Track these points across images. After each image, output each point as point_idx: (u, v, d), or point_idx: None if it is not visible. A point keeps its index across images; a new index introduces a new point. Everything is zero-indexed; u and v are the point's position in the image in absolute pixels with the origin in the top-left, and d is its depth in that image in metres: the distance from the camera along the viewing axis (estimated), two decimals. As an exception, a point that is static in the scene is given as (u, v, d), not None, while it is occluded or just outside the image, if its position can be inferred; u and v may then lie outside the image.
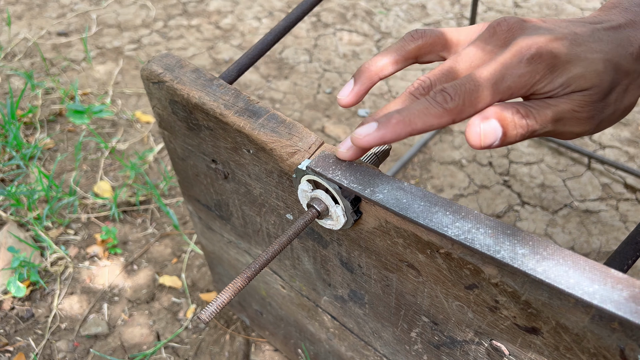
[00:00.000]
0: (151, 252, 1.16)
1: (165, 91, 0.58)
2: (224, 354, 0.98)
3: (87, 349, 0.99)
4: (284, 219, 0.58)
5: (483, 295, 0.41)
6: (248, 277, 0.41)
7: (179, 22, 1.96)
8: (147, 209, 1.25)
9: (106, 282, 1.10)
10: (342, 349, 0.72)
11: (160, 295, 1.07)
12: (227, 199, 0.66)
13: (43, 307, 1.05)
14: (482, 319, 0.43)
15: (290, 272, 0.67)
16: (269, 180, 0.54)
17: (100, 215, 1.22)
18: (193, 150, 0.63)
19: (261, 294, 0.82)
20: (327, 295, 0.63)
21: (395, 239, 0.44)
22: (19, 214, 1.21)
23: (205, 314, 0.39)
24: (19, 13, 2.05)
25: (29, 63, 1.78)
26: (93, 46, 1.86)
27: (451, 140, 1.46)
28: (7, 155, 1.37)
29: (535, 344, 0.40)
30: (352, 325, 0.64)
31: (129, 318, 1.04)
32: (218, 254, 0.85)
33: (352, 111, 1.59)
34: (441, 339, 0.50)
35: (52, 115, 1.53)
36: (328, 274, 0.59)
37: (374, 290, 0.54)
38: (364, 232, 0.47)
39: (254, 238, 0.68)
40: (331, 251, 0.55)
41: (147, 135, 1.47)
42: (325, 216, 0.46)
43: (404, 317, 0.53)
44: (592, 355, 0.37)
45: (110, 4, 2.11)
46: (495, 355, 0.45)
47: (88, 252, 1.15)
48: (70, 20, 2.01)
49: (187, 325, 1.02)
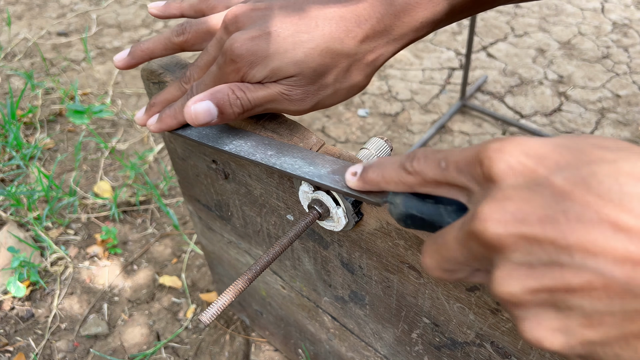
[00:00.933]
0: (151, 252, 1.16)
1: (166, 92, 0.58)
2: (224, 354, 0.98)
3: (87, 349, 0.99)
4: (284, 220, 0.58)
5: (484, 297, 0.41)
6: (249, 278, 0.41)
7: (179, 22, 1.96)
8: (147, 209, 1.25)
9: (106, 282, 1.10)
10: (342, 350, 0.72)
11: (160, 295, 1.07)
12: (227, 200, 0.66)
13: (43, 307, 1.05)
14: (483, 321, 0.43)
15: (291, 273, 0.67)
16: (270, 180, 0.54)
17: (100, 215, 1.22)
18: (193, 150, 0.63)
19: (261, 294, 0.82)
20: (328, 296, 0.63)
21: (397, 241, 0.44)
22: (19, 214, 1.21)
23: (206, 316, 0.39)
24: (19, 13, 2.05)
25: (29, 63, 1.77)
26: (93, 46, 1.86)
27: (451, 140, 1.46)
28: (7, 155, 1.37)
29: (536, 345, 0.40)
30: (353, 326, 0.64)
31: (129, 318, 1.04)
32: (218, 254, 0.85)
33: (352, 111, 1.59)
34: (442, 341, 0.50)
35: (52, 115, 1.53)
36: (329, 274, 0.59)
37: (375, 292, 0.54)
38: (365, 233, 0.47)
39: (254, 238, 0.68)
40: (332, 252, 0.55)
41: (147, 135, 1.47)
42: (326, 217, 0.46)
43: (405, 319, 0.53)
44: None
45: (110, 4, 2.10)
46: (496, 357, 0.45)
47: (88, 252, 1.15)
48: (70, 20, 2.01)
49: (187, 325, 1.02)
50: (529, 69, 1.73)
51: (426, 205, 0.33)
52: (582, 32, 1.89)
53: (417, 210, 0.33)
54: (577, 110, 1.55)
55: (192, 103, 0.45)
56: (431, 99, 1.63)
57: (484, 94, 1.65)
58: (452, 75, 1.73)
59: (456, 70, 1.75)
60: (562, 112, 1.56)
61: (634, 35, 1.86)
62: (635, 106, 1.55)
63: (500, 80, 1.70)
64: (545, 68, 1.73)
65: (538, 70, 1.73)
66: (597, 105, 1.57)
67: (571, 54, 1.79)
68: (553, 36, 1.88)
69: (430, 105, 1.61)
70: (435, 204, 0.33)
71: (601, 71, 1.70)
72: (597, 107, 1.56)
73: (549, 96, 1.62)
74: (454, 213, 0.32)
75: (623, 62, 1.74)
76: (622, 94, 1.60)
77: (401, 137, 1.49)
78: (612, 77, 1.68)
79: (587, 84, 1.66)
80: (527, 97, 1.63)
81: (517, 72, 1.72)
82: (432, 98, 1.64)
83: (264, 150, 0.47)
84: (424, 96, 1.64)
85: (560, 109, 1.57)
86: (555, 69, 1.73)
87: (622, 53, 1.78)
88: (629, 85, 1.64)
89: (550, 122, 1.52)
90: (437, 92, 1.66)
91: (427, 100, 1.63)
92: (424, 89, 1.67)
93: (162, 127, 0.51)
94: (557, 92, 1.64)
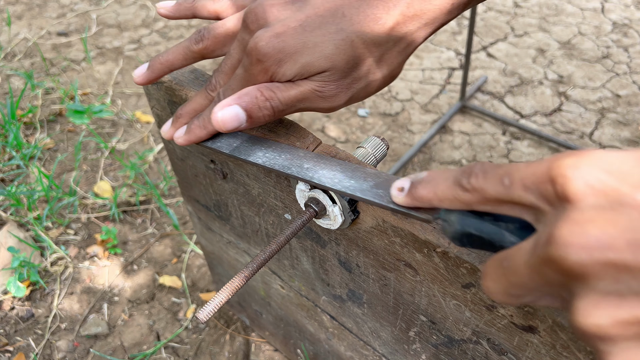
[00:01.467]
0: (151, 252, 1.16)
1: (164, 92, 0.58)
2: (224, 354, 0.98)
3: (87, 349, 0.99)
4: (282, 219, 0.58)
5: (480, 294, 0.41)
6: (246, 276, 0.41)
7: (179, 22, 1.96)
8: (147, 209, 1.25)
9: (106, 282, 1.10)
10: (341, 349, 0.72)
11: (160, 295, 1.08)
12: (226, 199, 0.66)
13: (43, 307, 1.06)
14: (479, 317, 0.43)
15: (289, 272, 0.67)
16: (267, 180, 0.54)
17: (100, 215, 1.23)
18: (192, 150, 0.63)
19: (260, 294, 0.82)
20: (326, 295, 0.63)
21: (393, 238, 0.44)
22: (19, 214, 1.21)
23: (203, 314, 0.39)
24: (19, 13, 2.05)
25: (29, 63, 1.78)
26: (93, 46, 1.86)
27: (451, 140, 1.46)
28: (7, 155, 1.37)
29: (532, 342, 0.41)
30: (351, 325, 0.64)
31: (129, 318, 1.04)
32: (218, 254, 0.85)
33: (352, 111, 1.59)
34: (439, 338, 0.50)
35: (52, 115, 1.53)
36: (327, 273, 0.59)
37: (372, 290, 0.54)
38: (362, 231, 0.47)
39: (253, 238, 0.68)
40: (329, 251, 0.55)
41: (147, 135, 1.47)
42: (323, 216, 0.46)
43: (402, 317, 0.53)
44: (589, 353, 0.37)
45: (110, 4, 2.11)
46: (492, 354, 0.45)
47: (88, 252, 1.15)
48: (70, 20, 2.01)
49: (187, 325, 1.02)
50: (529, 69, 1.74)
51: (485, 224, 0.31)
52: (582, 32, 1.89)
53: (476, 229, 0.31)
54: (577, 110, 1.55)
55: (219, 109, 0.43)
56: (431, 98, 1.64)
57: (484, 94, 1.65)
58: (452, 75, 1.73)
59: (456, 70, 1.76)
60: (562, 112, 1.55)
61: (634, 35, 1.86)
62: (635, 106, 1.55)
63: (500, 80, 1.70)
64: (545, 68, 1.73)
65: (538, 70, 1.73)
66: (597, 105, 1.57)
67: (571, 54, 1.79)
68: (553, 36, 1.88)
69: (430, 105, 1.61)
70: (494, 221, 0.30)
71: (601, 71, 1.70)
72: (597, 107, 1.56)
73: (549, 96, 1.62)
74: (517, 232, 0.30)
75: (623, 62, 1.74)
76: (622, 94, 1.60)
77: (401, 137, 1.49)
78: (612, 77, 1.68)
79: (587, 84, 1.66)
80: (527, 97, 1.63)
81: (517, 72, 1.72)
82: (432, 98, 1.64)
83: (299, 163, 0.44)
84: (424, 96, 1.65)
85: (560, 109, 1.57)
86: (555, 69, 1.73)
87: (622, 53, 1.78)
88: (629, 85, 1.64)
89: (550, 122, 1.52)
90: (437, 92, 1.66)
91: (427, 100, 1.63)
92: (424, 89, 1.67)
93: (192, 138, 0.48)
94: (557, 92, 1.64)
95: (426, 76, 1.73)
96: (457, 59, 1.80)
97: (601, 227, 0.22)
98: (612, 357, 0.23)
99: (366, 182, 0.40)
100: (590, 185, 0.23)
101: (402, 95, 1.65)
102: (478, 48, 1.84)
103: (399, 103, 1.62)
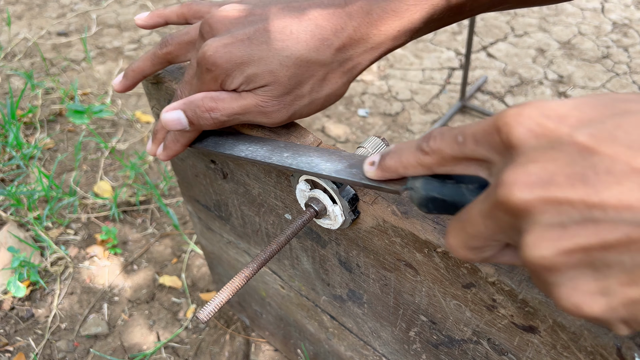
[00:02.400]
0: (151, 252, 1.16)
1: (164, 92, 0.58)
2: (224, 354, 0.98)
3: (87, 349, 0.99)
4: (282, 219, 0.58)
5: (480, 294, 0.41)
6: (246, 276, 0.41)
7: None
8: (147, 209, 1.25)
9: (106, 282, 1.10)
10: (341, 349, 0.72)
11: (160, 295, 1.07)
12: (226, 199, 0.66)
13: (43, 307, 1.06)
14: (479, 317, 0.43)
15: (290, 272, 0.67)
16: (268, 179, 0.54)
17: (100, 215, 1.23)
18: (192, 150, 0.63)
19: (261, 294, 0.82)
20: (326, 295, 0.63)
21: (393, 238, 0.44)
22: (19, 214, 1.21)
23: (203, 313, 0.39)
24: (19, 13, 2.05)
25: (29, 63, 1.78)
26: (93, 46, 1.86)
27: (451, 140, 1.46)
28: (7, 155, 1.37)
29: (532, 342, 0.40)
30: (351, 325, 0.64)
31: (129, 318, 1.04)
32: (218, 254, 0.85)
33: (351, 111, 1.59)
34: (439, 338, 0.50)
35: (52, 115, 1.53)
36: (327, 273, 0.59)
37: (373, 290, 0.54)
38: (362, 231, 0.47)
39: (253, 238, 0.68)
40: (330, 251, 0.55)
41: (147, 135, 1.47)
42: (323, 216, 0.46)
43: (403, 317, 0.53)
44: (589, 353, 0.37)
45: (110, 4, 2.11)
46: (493, 354, 0.45)
47: (88, 252, 1.15)
48: (70, 20, 2.01)
49: (187, 325, 1.02)
50: (529, 69, 1.74)
51: (447, 187, 0.32)
52: (582, 32, 1.89)
53: (438, 193, 0.32)
54: (576, 110, 1.55)
55: (166, 110, 0.46)
56: (431, 98, 1.64)
57: (484, 94, 1.65)
58: (452, 75, 1.73)
59: (456, 70, 1.76)
60: (561, 111, 1.55)
61: (634, 35, 1.86)
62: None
63: (500, 80, 1.70)
64: (545, 68, 1.73)
65: (538, 70, 1.73)
66: (597, 105, 1.56)
67: (571, 54, 1.79)
68: (553, 36, 1.88)
69: (430, 105, 1.61)
70: (456, 183, 0.32)
71: (601, 71, 1.70)
72: (597, 107, 1.56)
73: (549, 96, 1.62)
74: (476, 191, 0.31)
75: (623, 62, 1.74)
76: (622, 94, 1.60)
77: (401, 137, 1.49)
78: (612, 77, 1.68)
79: (587, 83, 1.66)
80: (527, 97, 1.63)
81: (517, 72, 1.72)
82: (432, 98, 1.64)
83: (280, 152, 0.46)
84: (424, 96, 1.65)
85: (560, 109, 1.56)
86: (555, 69, 1.73)
87: (622, 53, 1.78)
88: (629, 85, 1.64)
89: (550, 121, 1.52)
90: (437, 92, 1.66)
91: (427, 100, 1.63)
92: (424, 89, 1.67)
93: (170, 153, 0.51)
94: (557, 92, 1.64)
95: (426, 76, 1.73)
96: (457, 59, 1.80)
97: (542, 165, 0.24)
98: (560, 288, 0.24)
99: (341, 164, 0.41)
100: (531, 129, 0.25)
101: (402, 95, 1.65)
102: (478, 48, 1.84)
103: (399, 103, 1.62)
